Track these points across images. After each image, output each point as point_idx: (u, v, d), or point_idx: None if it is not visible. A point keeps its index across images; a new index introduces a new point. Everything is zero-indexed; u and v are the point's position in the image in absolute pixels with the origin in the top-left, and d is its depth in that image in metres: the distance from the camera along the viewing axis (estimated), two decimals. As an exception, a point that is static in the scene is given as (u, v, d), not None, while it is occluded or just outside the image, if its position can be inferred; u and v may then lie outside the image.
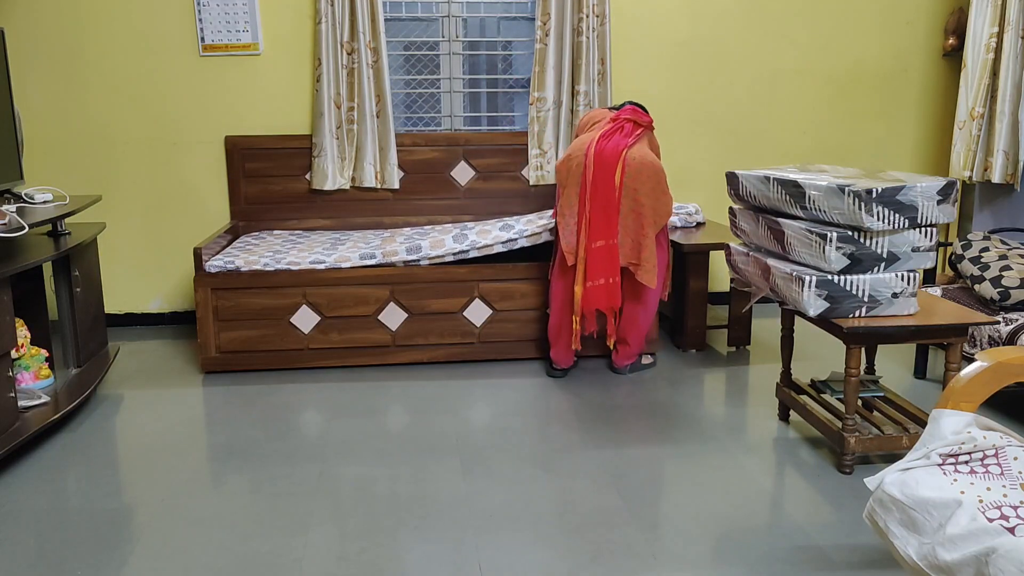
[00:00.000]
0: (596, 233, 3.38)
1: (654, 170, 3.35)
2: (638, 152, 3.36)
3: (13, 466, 2.78)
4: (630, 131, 3.44)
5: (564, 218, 3.45)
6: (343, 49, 4.19)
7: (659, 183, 3.37)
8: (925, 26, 4.68)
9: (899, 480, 1.69)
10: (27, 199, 3.42)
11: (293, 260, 3.65)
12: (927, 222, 2.50)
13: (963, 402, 1.77)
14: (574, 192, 3.41)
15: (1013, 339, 2.93)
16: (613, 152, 3.36)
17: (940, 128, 4.78)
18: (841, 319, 2.54)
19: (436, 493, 2.58)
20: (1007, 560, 1.39)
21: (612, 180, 3.34)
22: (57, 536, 2.35)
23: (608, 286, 3.41)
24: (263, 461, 2.82)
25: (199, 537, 2.34)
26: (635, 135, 3.43)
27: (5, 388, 2.78)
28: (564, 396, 3.40)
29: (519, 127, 4.61)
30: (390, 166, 4.32)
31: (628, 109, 3.54)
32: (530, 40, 4.44)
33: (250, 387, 3.53)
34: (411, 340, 3.74)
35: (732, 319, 3.97)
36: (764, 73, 4.61)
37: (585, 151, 3.39)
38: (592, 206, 3.37)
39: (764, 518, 2.43)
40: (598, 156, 3.37)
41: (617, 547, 2.26)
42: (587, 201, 3.37)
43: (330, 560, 2.21)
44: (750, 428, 3.08)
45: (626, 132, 3.44)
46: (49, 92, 4.21)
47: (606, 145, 3.38)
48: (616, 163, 3.34)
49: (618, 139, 3.41)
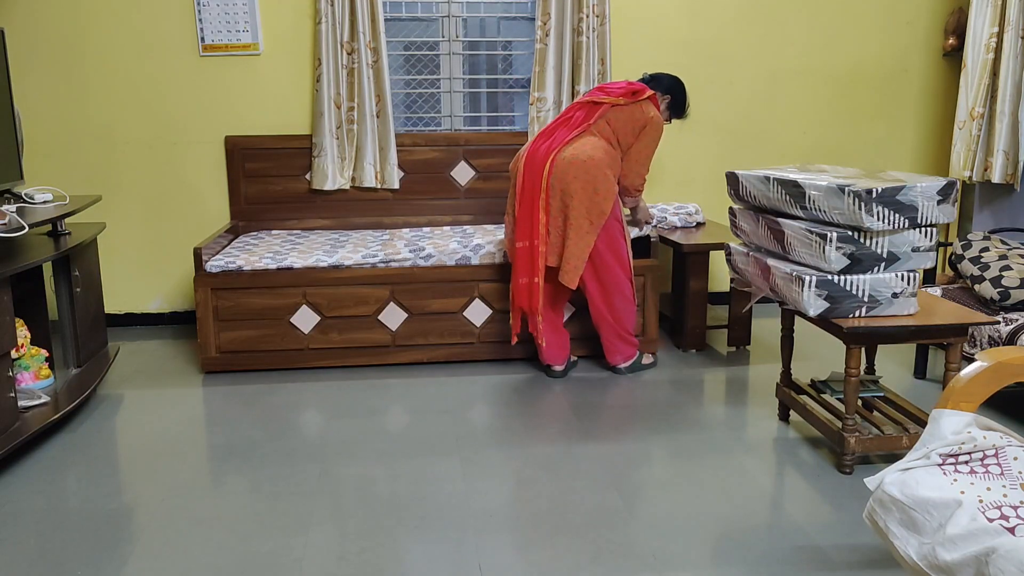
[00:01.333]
0: (520, 234, 3.41)
1: (585, 168, 3.29)
2: (572, 150, 3.32)
3: (13, 466, 2.78)
4: (579, 121, 3.40)
5: (507, 216, 3.54)
6: (343, 49, 4.19)
7: (591, 181, 3.30)
8: (925, 26, 4.68)
9: (899, 480, 1.69)
10: (27, 199, 3.42)
11: (294, 260, 3.65)
12: (927, 222, 2.50)
13: (963, 402, 1.76)
14: (511, 192, 3.48)
15: (1013, 339, 2.93)
16: (545, 153, 3.36)
17: (940, 128, 4.78)
18: (841, 319, 2.54)
19: (436, 493, 2.58)
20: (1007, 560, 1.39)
21: (539, 182, 3.34)
22: (57, 536, 2.35)
23: (530, 286, 3.41)
24: (263, 461, 2.82)
25: (199, 537, 2.34)
26: (583, 126, 3.38)
27: (5, 388, 2.78)
28: (564, 396, 3.40)
29: (519, 127, 4.61)
30: (390, 166, 4.32)
31: (596, 90, 3.51)
32: (530, 40, 4.44)
33: (250, 387, 3.53)
34: (411, 340, 3.74)
35: (732, 319, 3.97)
36: (764, 73, 4.62)
37: (524, 151, 3.45)
38: (520, 207, 3.40)
39: (764, 518, 2.43)
40: (530, 158, 3.40)
41: (617, 547, 2.26)
42: (516, 203, 3.42)
43: (330, 560, 2.21)
44: (750, 428, 3.08)
45: (574, 123, 3.41)
46: (49, 92, 4.21)
47: (540, 146, 3.40)
48: (544, 164, 3.33)
49: (560, 134, 3.40)
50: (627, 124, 3.43)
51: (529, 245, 3.39)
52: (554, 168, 3.32)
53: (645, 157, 3.49)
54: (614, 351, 3.62)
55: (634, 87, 3.48)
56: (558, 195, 3.32)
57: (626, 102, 3.42)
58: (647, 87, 3.50)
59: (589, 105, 3.45)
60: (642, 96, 3.44)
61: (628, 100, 3.43)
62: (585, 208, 3.33)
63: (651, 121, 3.43)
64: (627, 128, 3.43)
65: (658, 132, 3.47)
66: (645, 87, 3.49)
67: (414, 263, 3.71)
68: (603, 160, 3.34)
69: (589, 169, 3.31)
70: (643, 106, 3.44)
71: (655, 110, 3.47)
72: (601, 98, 3.44)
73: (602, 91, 3.48)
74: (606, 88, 3.50)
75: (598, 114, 3.41)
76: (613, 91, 3.46)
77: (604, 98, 3.43)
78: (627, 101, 3.43)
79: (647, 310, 3.80)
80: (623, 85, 3.50)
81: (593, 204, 3.33)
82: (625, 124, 3.43)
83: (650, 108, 3.44)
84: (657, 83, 3.59)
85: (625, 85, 3.49)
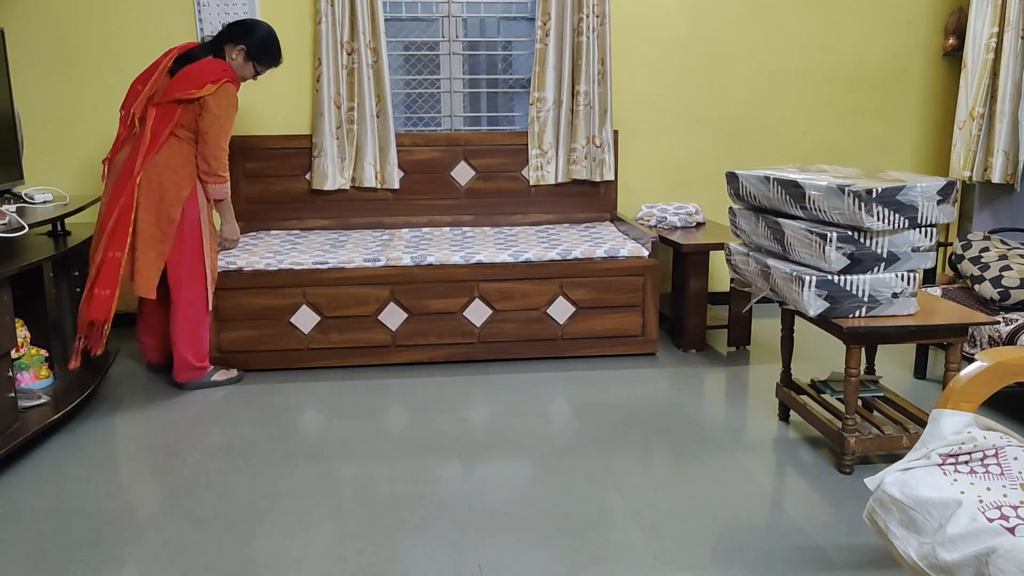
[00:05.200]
0: (114, 244, 3.20)
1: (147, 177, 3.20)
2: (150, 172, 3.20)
3: (13, 466, 2.78)
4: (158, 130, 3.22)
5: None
6: (343, 49, 4.19)
7: (155, 189, 3.20)
8: (925, 26, 4.68)
9: (899, 480, 1.69)
10: (27, 199, 3.42)
11: (295, 260, 3.65)
12: (927, 222, 2.50)
13: (963, 402, 1.77)
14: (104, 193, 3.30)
15: (1013, 339, 2.93)
16: (128, 169, 3.22)
17: (940, 128, 4.78)
18: (841, 319, 2.54)
19: (436, 493, 2.58)
20: (1007, 560, 1.39)
21: (132, 194, 3.20)
22: (57, 536, 2.35)
23: (111, 297, 3.24)
24: (263, 461, 2.82)
25: (199, 537, 2.34)
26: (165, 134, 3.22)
27: (5, 388, 2.78)
28: (564, 396, 3.40)
29: (519, 127, 4.61)
30: (390, 166, 4.32)
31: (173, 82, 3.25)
32: (530, 40, 4.44)
33: (250, 387, 3.53)
34: (411, 340, 3.74)
35: (732, 319, 3.97)
36: (764, 73, 4.62)
37: (109, 155, 3.28)
38: (118, 215, 3.20)
39: (764, 518, 2.43)
40: (112, 165, 3.27)
41: (617, 547, 2.26)
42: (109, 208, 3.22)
43: (330, 560, 2.21)
44: (750, 428, 3.08)
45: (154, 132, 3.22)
46: (49, 92, 4.21)
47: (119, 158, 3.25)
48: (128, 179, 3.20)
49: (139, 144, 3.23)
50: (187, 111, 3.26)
51: (117, 256, 3.20)
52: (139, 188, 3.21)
53: (219, 132, 3.26)
54: (180, 368, 3.46)
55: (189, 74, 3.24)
56: (137, 209, 3.21)
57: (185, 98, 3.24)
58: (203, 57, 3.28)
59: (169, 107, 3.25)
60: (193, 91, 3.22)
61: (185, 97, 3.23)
62: (153, 216, 3.22)
63: (207, 101, 3.23)
64: (188, 114, 3.26)
65: (217, 111, 3.23)
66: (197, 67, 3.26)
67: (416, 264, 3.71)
68: (168, 164, 3.24)
69: (151, 177, 3.21)
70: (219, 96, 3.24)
71: (213, 83, 3.23)
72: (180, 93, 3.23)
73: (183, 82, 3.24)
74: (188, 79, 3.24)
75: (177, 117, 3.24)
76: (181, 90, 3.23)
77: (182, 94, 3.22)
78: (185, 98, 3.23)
79: (647, 310, 3.80)
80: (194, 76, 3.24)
81: (160, 211, 3.23)
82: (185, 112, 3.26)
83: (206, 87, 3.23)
84: (224, 38, 3.38)
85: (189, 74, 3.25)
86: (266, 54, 3.45)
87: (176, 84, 3.28)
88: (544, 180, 4.45)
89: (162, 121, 3.27)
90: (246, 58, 3.40)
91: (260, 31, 3.43)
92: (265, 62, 3.47)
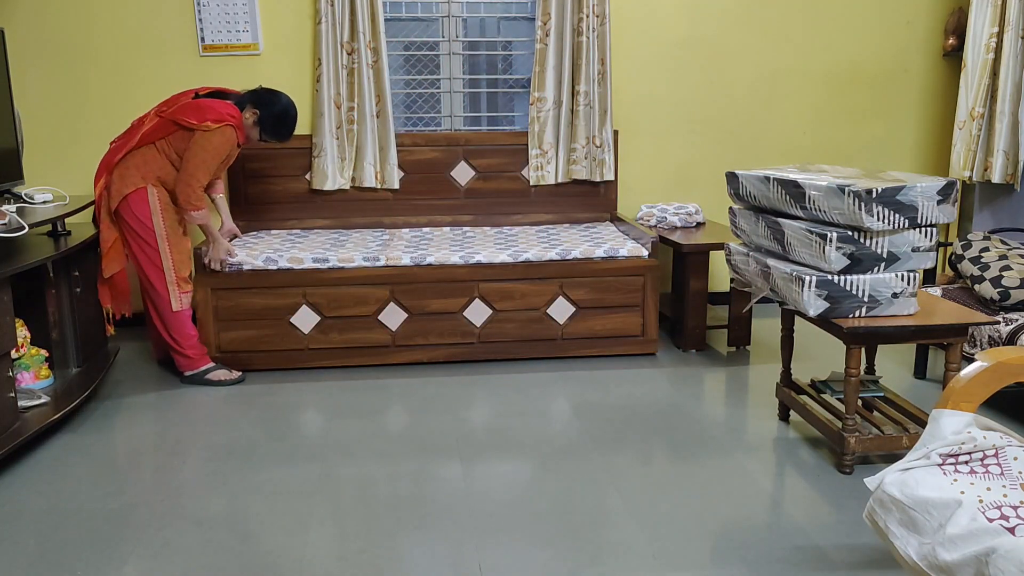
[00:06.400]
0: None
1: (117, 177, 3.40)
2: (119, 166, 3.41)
3: (13, 466, 2.78)
4: (147, 136, 3.39)
5: None
6: (343, 49, 4.19)
7: (108, 189, 3.42)
8: (925, 26, 4.68)
9: (899, 480, 1.69)
10: (27, 199, 3.42)
11: (295, 256, 3.65)
12: (927, 222, 2.50)
13: (963, 402, 1.77)
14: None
15: (1013, 339, 2.93)
16: (106, 161, 3.45)
17: (940, 128, 4.78)
18: (841, 319, 2.54)
19: (436, 493, 2.58)
20: (1007, 560, 1.39)
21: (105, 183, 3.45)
22: (57, 536, 2.35)
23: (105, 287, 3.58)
24: (263, 461, 2.82)
25: (199, 537, 2.34)
26: (150, 141, 3.39)
27: (5, 388, 2.78)
28: (564, 396, 3.40)
29: (519, 127, 4.61)
30: (390, 166, 4.32)
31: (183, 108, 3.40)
32: (530, 40, 4.44)
33: (250, 387, 3.53)
34: (411, 340, 3.74)
35: (732, 319, 3.97)
36: (764, 73, 4.62)
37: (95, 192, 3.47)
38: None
39: (764, 518, 2.43)
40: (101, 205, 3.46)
41: (617, 547, 2.26)
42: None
43: (330, 560, 2.21)
44: (750, 428, 3.08)
45: (144, 135, 3.39)
46: (49, 92, 4.21)
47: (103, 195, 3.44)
48: (105, 171, 3.45)
49: (126, 140, 3.44)
50: (182, 137, 3.41)
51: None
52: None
53: (199, 165, 3.36)
54: (179, 362, 3.59)
55: (201, 106, 3.40)
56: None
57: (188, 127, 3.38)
58: (220, 106, 3.41)
59: (166, 122, 3.40)
60: (195, 121, 3.36)
61: (184, 123, 3.37)
62: (105, 203, 3.42)
63: (199, 134, 3.35)
64: (181, 139, 3.41)
65: (206, 146, 3.36)
66: (212, 103, 3.41)
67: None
68: (128, 160, 3.39)
69: (117, 170, 3.40)
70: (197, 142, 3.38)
71: (213, 123, 3.35)
72: (182, 121, 3.37)
73: (186, 112, 3.39)
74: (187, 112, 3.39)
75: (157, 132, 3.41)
76: (191, 115, 3.37)
77: (188, 122, 3.36)
78: (189, 126, 3.37)
79: (647, 310, 3.80)
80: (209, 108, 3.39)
81: (108, 199, 3.42)
82: (179, 136, 3.41)
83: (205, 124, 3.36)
84: (250, 96, 3.53)
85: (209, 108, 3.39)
86: (274, 128, 3.56)
87: (186, 108, 3.41)
88: (544, 180, 4.45)
89: (156, 131, 3.42)
90: (255, 123, 3.52)
91: (278, 106, 3.54)
92: (271, 135, 3.58)
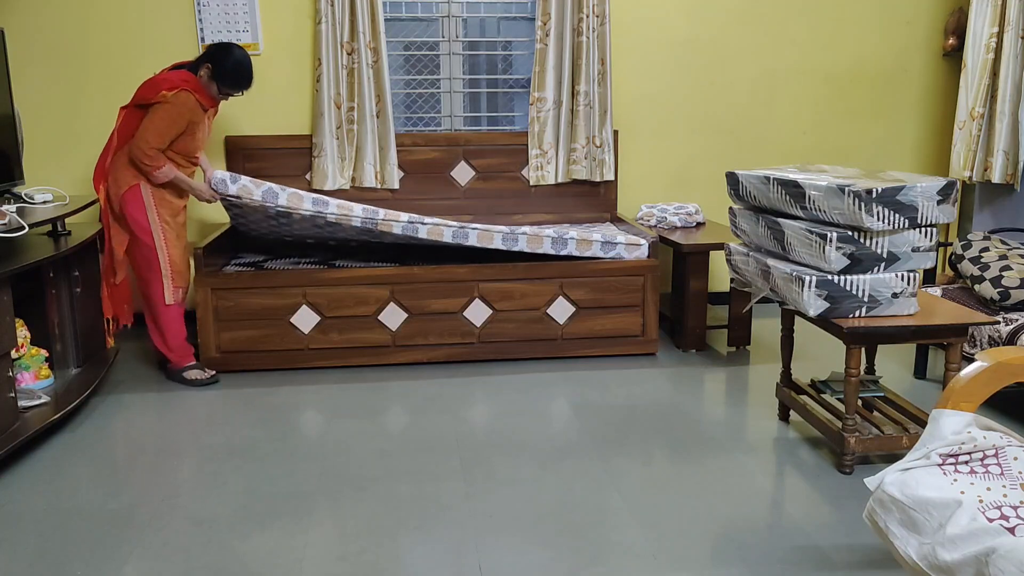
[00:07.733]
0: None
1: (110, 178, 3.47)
2: (110, 171, 3.47)
3: (13, 466, 2.78)
4: (123, 132, 3.46)
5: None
6: (343, 49, 4.19)
7: (109, 197, 3.48)
8: (925, 26, 4.68)
9: (899, 480, 1.69)
10: (27, 199, 3.42)
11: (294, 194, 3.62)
12: (927, 222, 2.50)
13: (963, 402, 1.77)
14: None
15: (1013, 339, 2.93)
16: (100, 169, 3.51)
17: (940, 128, 4.78)
18: (841, 319, 2.54)
19: (436, 493, 2.58)
20: (1007, 560, 1.39)
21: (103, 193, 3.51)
22: (57, 536, 2.35)
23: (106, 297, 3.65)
24: (263, 461, 2.82)
25: (199, 537, 2.34)
26: (127, 135, 3.43)
27: (5, 388, 2.78)
28: (564, 396, 3.40)
29: (519, 127, 4.61)
30: (390, 166, 4.32)
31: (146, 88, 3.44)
32: (530, 40, 4.44)
33: (250, 387, 3.53)
34: (411, 340, 3.74)
35: (732, 319, 3.97)
36: (764, 73, 4.61)
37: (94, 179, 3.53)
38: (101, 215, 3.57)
39: (764, 518, 2.43)
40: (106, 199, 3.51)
41: (617, 547, 2.26)
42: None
43: (330, 560, 2.21)
44: (750, 428, 3.08)
45: (120, 134, 3.47)
46: (49, 92, 4.20)
47: (105, 180, 3.50)
48: (101, 177, 3.51)
49: (109, 145, 3.50)
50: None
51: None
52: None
53: (151, 128, 3.36)
54: (167, 357, 3.64)
55: (152, 82, 3.43)
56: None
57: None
58: (174, 75, 3.43)
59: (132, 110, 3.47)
60: (151, 96, 3.39)
61: (144, 102, 3.42)
62: (109, 211, 3.48)
63: (155, 104, 3.37)
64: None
65: (159, 111, 3.37)
66: (161, 76, 3.45)
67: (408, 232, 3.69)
68: (115, 162, 3.45)
69: (110, 175, 3.46)
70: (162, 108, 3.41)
71: (168, 92, 3.37)
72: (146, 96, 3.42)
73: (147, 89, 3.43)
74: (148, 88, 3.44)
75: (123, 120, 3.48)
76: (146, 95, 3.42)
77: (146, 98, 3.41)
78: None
79: (647, 310, 3.80)
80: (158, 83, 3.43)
81: (111, 205, 3.47)
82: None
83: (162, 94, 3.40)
84: (202, 56, 3.52)
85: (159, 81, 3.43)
86: (230, 78, 3.51)
87: (142, 89, 3.46)
88: (544, 180, 4.45)
89: (126, 125, 3.48)
90: (210, 78, 3.48)
91: (230, 57, 3.50)
92: (228, 85, 3.52)
